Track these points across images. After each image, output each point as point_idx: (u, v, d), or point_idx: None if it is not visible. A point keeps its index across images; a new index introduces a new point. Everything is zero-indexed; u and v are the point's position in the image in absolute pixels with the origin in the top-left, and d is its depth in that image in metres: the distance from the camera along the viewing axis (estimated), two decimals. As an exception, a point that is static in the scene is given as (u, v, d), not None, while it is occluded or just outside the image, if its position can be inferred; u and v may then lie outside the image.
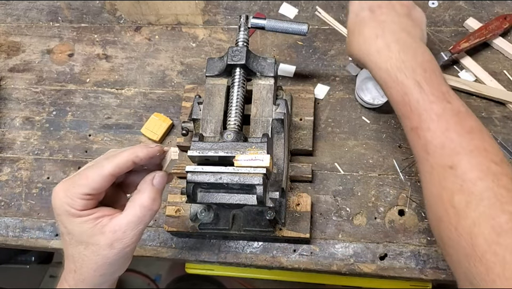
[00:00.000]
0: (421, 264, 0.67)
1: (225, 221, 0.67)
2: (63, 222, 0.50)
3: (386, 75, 0.56)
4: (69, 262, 0.52)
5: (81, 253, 0.50)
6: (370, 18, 0.60)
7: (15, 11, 0.94)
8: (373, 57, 0.57)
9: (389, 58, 0.55)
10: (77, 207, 0.49)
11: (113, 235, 0.50)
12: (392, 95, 0.56)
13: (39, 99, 0.85)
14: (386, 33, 0.57)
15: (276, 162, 0.65)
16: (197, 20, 0.88)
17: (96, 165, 0.50)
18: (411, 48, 0.56)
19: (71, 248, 0.51)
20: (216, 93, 0.67)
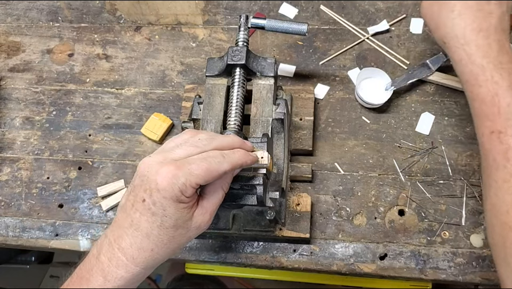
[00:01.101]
0: (421, 264, 0.67)
1: (225, 221, 0.67)
2: (165, 205, 0.48)
3: (479, 71, 0.54)
4: (145, 241, 0.49)
5: (169, 235, 0.49)
6: (477, 2, 0.57)
7: (15, 11, 0.94)
8: (469, 49, 0.56)
9: (488, 56, 0.54)
10: (187, 195, 0.48)
11: (202, 218, 0.52)
12: (479, 93, 0.54)
13: (39, 99, 0.85)
14: (490, 30, 0.56)
15: (276, 162, 0.65)
16: (197, 20, 0.88)
17: (211, 158, 0.49)
18: (509, 52, 0.55)
19: (159, 229, 0.49)
20: (216, 92, 0.67)
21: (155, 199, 0.48)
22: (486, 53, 0.55)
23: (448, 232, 0.68)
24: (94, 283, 0.49)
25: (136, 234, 0.49)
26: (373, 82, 0.76)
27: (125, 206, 0.50)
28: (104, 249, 0.50)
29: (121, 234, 0.49)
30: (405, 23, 0.83)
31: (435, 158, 0.73)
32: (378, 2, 0.85)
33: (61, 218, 0.76)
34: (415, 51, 0.81)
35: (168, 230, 0.49)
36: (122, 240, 0.49)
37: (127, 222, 0.49)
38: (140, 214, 0.49)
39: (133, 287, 0.51)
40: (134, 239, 0.49)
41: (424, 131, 0.75)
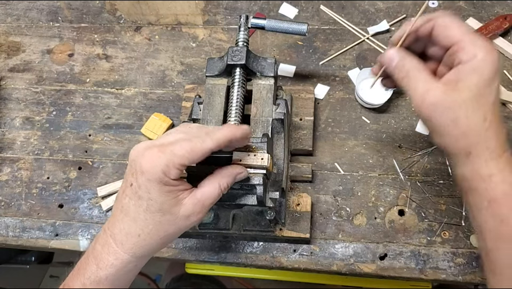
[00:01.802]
0: (421, 264, 0.67)
1: (225, 221, 0.67)
2: (149, 188, 0.48)
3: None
4: (133, 226, 0.49)
5: (155, 220, 0.49)
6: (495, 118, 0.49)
7: (15, 11, 0.94)
8: (501, 163, 0.49)
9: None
10: (171, 176, 0.47)
11: (192, 208, 0.50)
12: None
13: (39, 99, 0.85)
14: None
15: (276, 162, 0.65)
16: (197, 20, 0.88)
17: (195, 138, 0.49)
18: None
19: (145, 213, 0.49)
20: (216, 93, 0.67)
21: (140, 182, 0.48)
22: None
23: (448, 232, 0.68)
24: (88, 272, 0.49)
25: (125, 219, 0.49)
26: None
27: (118, 193, 0.51)
28: (100, 238, 0.51)
29: (114, 221, 0.50)
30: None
31: (435, 158, 0.73)
32: (378, 2, 0.85)
33: (61, 218, 0.76)
34: (415, 52, 0.81)
35: (154, 214, 0.49)
36: (114, 226, 0.50)
37: (118, 208, 0.50)
38: (129, 198, 0.49)
39: (124, 277, 0.51)
40: (123, 224, 0.49)
41: (424, 131, 0.75)
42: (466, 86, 0.47)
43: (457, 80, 0.48)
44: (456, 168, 0.51)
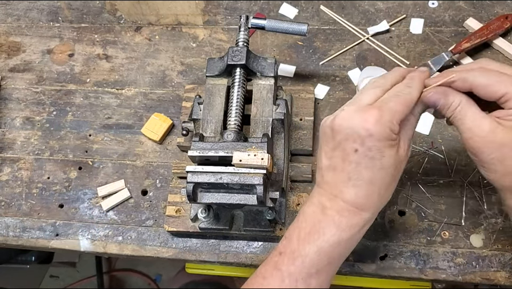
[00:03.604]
0: (421, 264, 0.67)
1: (225, 221, 0.67)
2: (380, 147, 0.48)
3: None
4: (371, 187, 0.50)
5: (389, 174, 0.50)
6: None
7: (16, 12, 0.94)
8: None
9: None
10: (396, 132, 0.49)
11: (405, 150, 0.51)
12: None
13: (39, 99, 0.85)
14: None
15: (276, 162, 0.66)
16: (197, 20, 0.88)
17: (401, 92, 0.50)
18: None
19: (380, 172, 0.49)
20: (216, 93, 0.67)
21: (369, 145, 0.48)
22: None
23: (448, 232, 0.68)
24: (328, 234, 0.50)
25: (358, 183, 0.50)
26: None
27: (332, 165, 0.51)
28: (328, 206, 0.51)
29: (341, 189, 0.50)
30: (405, 23, 0.83)
31: (435, 158, 0.73)
32: (378, 3, 0.85)
33: (61, 218, 0.76)
34: (415, 52, 0.81)
35: (389, 169, 0.50)
36: (344, 194, 0.50)
37: (342, 178, 0.50)
38: (356, 164, 0.49)
39: (361, 235, 0.52)
40: (359, 188, 0.50)
41: (424, 131, 0.75)
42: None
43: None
44: (506, 200, 0.52)
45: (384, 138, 0.48)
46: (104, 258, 1.66)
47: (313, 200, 0.53)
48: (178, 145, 0.77)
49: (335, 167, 0.51)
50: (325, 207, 0.51)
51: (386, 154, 0.49)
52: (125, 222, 0.74)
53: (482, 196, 0.70)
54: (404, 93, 0.50)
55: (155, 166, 0.78)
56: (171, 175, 0.76)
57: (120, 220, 0.75)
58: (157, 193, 0.76)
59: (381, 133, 0.48)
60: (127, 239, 0.73)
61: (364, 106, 0.49)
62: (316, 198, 0.52)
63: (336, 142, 0.50)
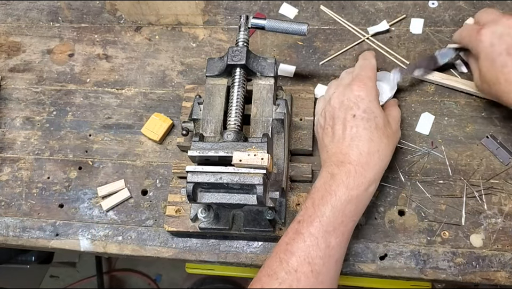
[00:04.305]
0: (421, 264, 0.67)
1: (225, 221, 0.67)
2: (371, 107, 0.61)
3: None
4: (372, 144, 0.59)
5: (386, 133, 0.61)
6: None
7: (16, 12, 0.94)
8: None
9: None
10: (376, 89, 0.64)
11: (396, 124, 0.67)
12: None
13: (39, 99, 0.85)
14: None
15: (276, 162, 0.66)
16: (197, 20, 0.88)
17: (365, 64, 0.67)
18: None
19: (377, 130, 0.60)
20: (216, 93, 0.67)
21: (363, 107, 0.60)
22: None
23: (448, 232, 0.68)
24: (339, 193, 0.57)
25: (360, 144, 0.59)
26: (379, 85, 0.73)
27: (335, 138, 0.61)
28: (336, 172, 0.59)
29: (346, 152, 0.60)
30: (405, 23, 0.83)
31: (435, 158, 0.73)
32: (378, 3, 0.85)
33: (61, 218, 0.76)
34: (415, 52, 0.81)
35: (383, 129, 0.61)
36: (349, 156, 0.59)
37: (345, 143, 0.60)
38: (356, 127, 0.60)
39: (369, 193, 0.60)
40: (361, 148, 0.59)
41: (424, 131, 0.75)
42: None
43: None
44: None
45: (374, 98, 0.61)
46: (104, 258, 1.66)
47: (322, 174, 0.61)
48: (178, 145, 0.77)
49: (338, 138, 0.61)
50: (334, 174, 0.58)
51: (378, 113, 0.61)
52: (125, 222, 0.74)
53: (482, 196, 0.70)
54: (365, 64, 0.66)
55: (155, 166, 0.78)
56: (171, 175, 0.76)
57: (120, 220, 0.75)
58: (157, 193, 0.76)
59: (368, 94, 0.61)
60: (127, 239, 0.73)
61: (347, 85, 0.63)
62: (324, 171, 0.60)
63: (336, 118, 0.62)
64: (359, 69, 0.65)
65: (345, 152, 0.59)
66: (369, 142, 0.59)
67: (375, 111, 0.60)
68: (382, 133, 0.60)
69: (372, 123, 0.60)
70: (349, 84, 0.63)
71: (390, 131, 0.62)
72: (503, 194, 0.70)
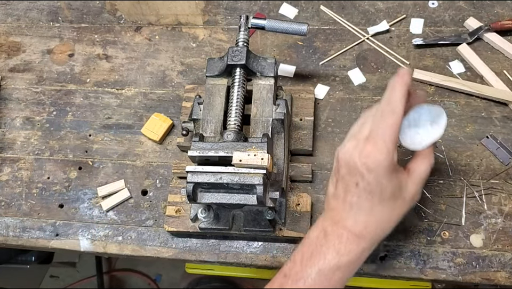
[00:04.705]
0: (421, 264, 0.67)
1: (225, 221, 0.67)
2: (379, 181, 0.51)
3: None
4: (370, 218, 0.54)
5: (390, 206, 0.53)
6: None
7: (16, 12, 0.94)
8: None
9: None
10: (395, 160, 0.52)
11: (416, 188, 0.55)
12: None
13: (39, 99, 0.85)
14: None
15: (276, 162, 0.66)
16: (197, 20, 0.88)
17: (385, 113, 0.52)
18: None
19: (380, 204, 0.53)
20: (216, 93, 0.67)
21: (369, 180, 0.51)
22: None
23: (448, 232, 0.68)
24: (329, 257, 0.53)
25: (359, 213, 0.53)
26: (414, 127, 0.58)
27: (337, 194, 0.55)
28: (329, 231, 0.54)
29: (343, 216, 0.54)
30: (405, 23, 0.83)
31: (435, 158, 0.73)
32: (378, 3, 0.85)
33: (61, 218, 0.76)
34: (415, 52, 0.81)
35: (388, 202, 0.53)
36: (345, 221, 0.54)
37: (345, 206, 0.54)
38: (358, 197, 0.53)
39: (360, 261, 0.55)
40: (358, 218, 0.53)
41: (424, 132, 0.75)
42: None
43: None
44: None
45: (384, 173, 0.51)
46: (104, 258, 1.66)
47: (318, 224, 0.56)
48: (178, 145, 0.77)
49: (338, 196, 0.55)
50: (327, 233, 0.54)
51: (385, 187, 0.52)
52: (125, 222, 0.74)
53: (482, 196, 0.70)
54: (386, 112, 0.52)
55: (155, 166, 0.78)
56: (171, 175, 0.76)
57: (120, 220, 0.75)
58: (157, 193, 0.76)
59: (379, 167, 0.51)
60: (127, 239, 0.73)
61: (361, 141, 0.52)
62: (321, 222, 0.56)
63: (340, 175, 0.54)
64: (378, 119, 0.52)
65: (342, 215, 0.54)
66: (368, 213, 0.53)
67: (383, 183, 0.52)
68: (388, 204, 0.53)
69: (376, 195, 0.52)
70: (361, 144, 0.52)
71: (400, 201, 0.54)
72: (503, 194, 0.70)
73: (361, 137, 0.53)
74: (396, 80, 0.53)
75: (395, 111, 0.51)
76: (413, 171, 0.55)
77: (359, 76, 0.80)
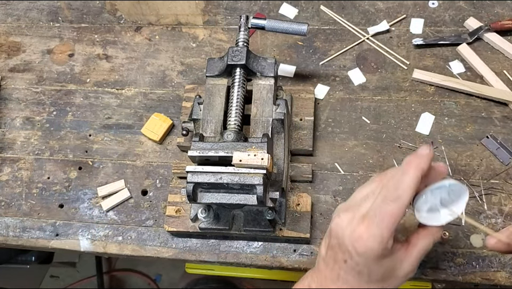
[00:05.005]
0: (421, 264, 0.67)
1: (225, 221, 0.67)
2: (368, 264, 0.48)
3: None
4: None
5: (379, 286, 0.50)
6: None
7: (16, 12, 0.94)
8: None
9: None
10: (389, 247, 0.48)
11: (411, 267, 0.51)
12: None
13: (39, 99, 0.85)
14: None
15: (276, 162, 0.66)
16: (197, 20, 0.88)
17: (389, 199, 0.47)
18: None
19: (367, 284, 0.50)
20: (216, 93, 0.67)
21: (357, 261, 0.48)
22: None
23: (448, 232, 0.68)
24: None
25: (345, 286, 0.51)
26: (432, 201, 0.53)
27: (327, 260, 0.52)
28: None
29: (328, 284, 0.52)
30: (405, 23, 0.83)
31: (435, 158, 0.73)
32: (378, 3, 0.85)
33: (61, 218, 0.76)
34: (415, 52, 0.81)
35: (377, 283, 0.50)
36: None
37: (333, 275, 0.51)
38: (345, 272, 0.50)
39: None
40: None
41: (424, 131, 0.75)
42: None
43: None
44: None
45: (374, 258, 0.48)
46: (104, 258, 1.66)
47: (305, 281, 0.54)
48: (178, 145, 0.77)
49: (328, 263, 0.52)
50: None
51: (375, 270, 0.49)
52: (125, 222, 0.74)
53: (482, 196, 0.70)
54: (391, 198, 0.47)
55: (155, 166, 0.78)
56: (171, 175, 0.76)
57: (120, 220, 0.75)
58: (157, 193, 0.76)
59: (369, 253, 0.48)
60: (127, 239, 0.73)
61: (356, 219, 0.49)
62: (308, 279, 0.54)
63: (331, 244, 0.52)
64: (380, 202, 0.48)
65: (328, 283, 0.52)
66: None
67: (373, 268, 0.49)
68: (376, 285, 0.50)
69: (364, 276, 0.49)
70: (356, 223, 0.49)
71: (392, 279, 0.51)
72: (503, 194, 0.70)
73: (358, 213, 0.49)
74: (411, 161, 0.47)
75: (400, 200, 0.47)
76: (413, 245, 0.51)
77: (359, 76, 0.80)
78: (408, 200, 0.47)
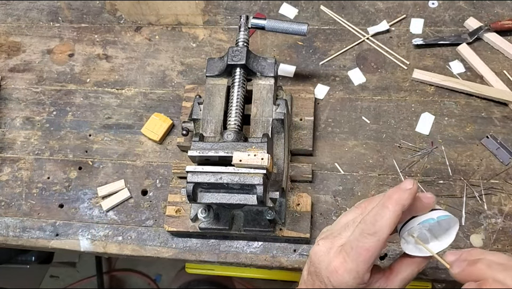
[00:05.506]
0: (421, 264, 0.67)
1: (225, 221, 0.67)
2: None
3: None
4: None
5: None
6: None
7: (16, 12, 0.94)
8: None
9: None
10: (365, 280, 0.47)
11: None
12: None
13: (39, 99, 0.85)
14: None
15: (276, 162, 0.66)
16: (197, 20, 0.88)
17: (366, 233, 0.46)
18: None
19: None
20: (216, 93, 0.67)
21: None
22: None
23: (448, 232, 0.68)
24: None
25: None
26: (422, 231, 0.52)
27: (307, 283, 0.52)
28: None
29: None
30: (405, 23, 0.83)
31: (435, 158, 0.73)
32: (378, 3, 0.85)
33: (61, 218, 0.76)
34: (415, 52, 0.81)
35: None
36: None
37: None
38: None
39: None
40: None
41: (424, 131, 0.75)
42: None
43: None
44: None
45: (347, 288, 0.47)
46: (104, 258, 1.66)
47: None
48: (178, 145, 0.77)
49: (308, 286, 0.52)
50: None
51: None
52: (125, 222, 0.74)
53: (482, 196, 0.70)
54: (368, 233, 0.46)
55: (155, 166, 0.78)
56: (171, 175, 0.76)
57: (120, 220, 0.75)
58: (157, 193, 0.76)
59: (343, 285, 0.47)
60: (127, 239, 0.73)
61: (333, 249, 0.48)
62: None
63: (310, 270, 0.51)
64: (357, 236, 0.47)
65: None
66: None
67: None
68: None
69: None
70: (333, 254, 0.48)
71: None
72: (503, 194, 0.70)
73: (336, 243, 0.49)
74: (392, 196, 0.46)
75: (377, 234, 0.45)
76: (396, 273, 0.50)
77: (359, 76, 0.80)
78: (386, 235, 0.46)
